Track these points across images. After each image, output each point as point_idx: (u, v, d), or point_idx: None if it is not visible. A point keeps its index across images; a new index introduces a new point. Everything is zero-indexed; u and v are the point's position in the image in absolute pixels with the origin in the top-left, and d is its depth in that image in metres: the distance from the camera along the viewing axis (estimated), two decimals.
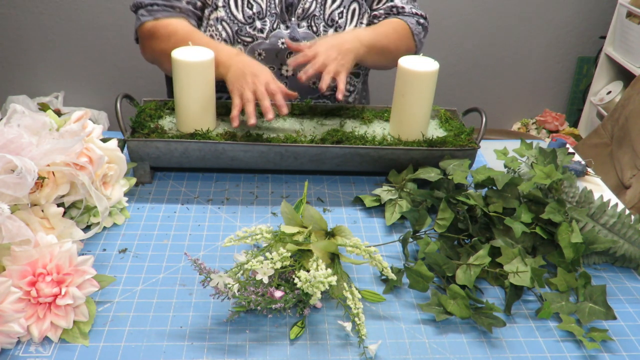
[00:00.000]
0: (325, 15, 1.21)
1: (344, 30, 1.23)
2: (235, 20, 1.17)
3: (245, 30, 1.18)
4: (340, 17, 1.22)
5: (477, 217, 0.90)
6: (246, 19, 1.17)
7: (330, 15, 1.21)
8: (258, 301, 0.72)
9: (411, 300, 0.81)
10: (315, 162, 1.04)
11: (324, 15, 1.21)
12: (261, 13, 1.17)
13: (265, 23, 1.18)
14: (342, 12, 1.22)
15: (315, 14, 1.20)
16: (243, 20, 1.17)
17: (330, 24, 1.21)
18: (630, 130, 1.58)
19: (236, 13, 1.17)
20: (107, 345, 0.70)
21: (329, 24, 1.21)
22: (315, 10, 1.20)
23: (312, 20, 1.20)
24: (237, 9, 1.17)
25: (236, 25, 1.18)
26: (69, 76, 2.53)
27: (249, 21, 1.17)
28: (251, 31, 1.18)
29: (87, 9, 2.37)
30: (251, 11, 1.17)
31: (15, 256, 0.70)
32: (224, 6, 1.17)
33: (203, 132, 1.02)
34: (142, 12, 1.18)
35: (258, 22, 1.17)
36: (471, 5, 2.51)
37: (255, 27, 1.18)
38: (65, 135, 0.82)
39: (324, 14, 1.20)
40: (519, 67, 2.71)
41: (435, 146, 1.04)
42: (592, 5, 2.58)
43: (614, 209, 0.90)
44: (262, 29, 1.18)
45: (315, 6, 1.20)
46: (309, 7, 1.20)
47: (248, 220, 0.96)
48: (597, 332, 0.75)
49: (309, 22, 1.21)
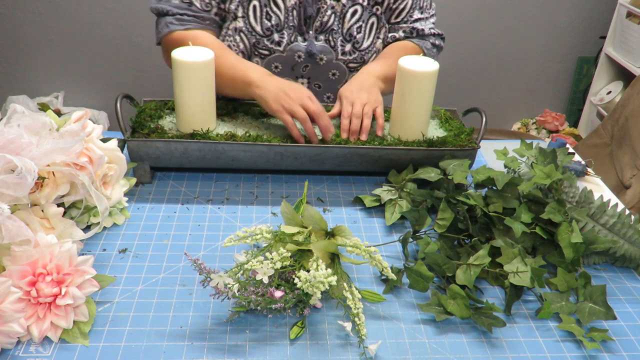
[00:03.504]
0: (344, 29, 1.20)
1: (361, 45, 1.22)
2: (253, 32, 1.17)
3: (262, 43, 1.17)
4: (358, 31, 1.21)
5: (477, 217, 0.90)
6: (264, 31, 1.16)
7: (348, 30, 1.20)
8: (258, 301, 0.72)
9: (411, 300, 0.81)
10: (315, 162, 1.04)
11: (342, 30, 1.20)
12: (279, 25, 1.16)
13: (283, 36, 1.17)
14: (360, 27, 1.21)
15: (333, 27, 1.19)
16: (261, 32, 1.16)
17: (348, 38, 1.20)
18: (630, 130, 1.58)
19: (254, 25, 1.16)
20: (107, 345, 0.70)
21: (346, 39, 1.20)
22: (333, 24, 1.19)
23: (330, 34, 1.19)
24: (255, 21, 1.16)
25: (254, 38, 1.17)
26: (69, 76, 2.53)
27: (267, 34, 1.16)
28: (269, 44, 1.17)
29: (87, 9, 2.37)
30: (270, 23, 1.16)
31: (15, 256, 0.70)
32: (243, 17, 1.16)
33: (203, 132, 1.02)
34: (171, 20, 1.15)
35: (276, 34, 1.17)
36: (471, 6, 2.51)
37: (272, 40, 1.17)
38: (65, 135, 0.82)
39: (342, 28, 1.19)
40: (519, 67, 2.71)
41: (435, 146, 1.04)
42: (592, 5, 2.58)
43: (614, 209, 0.90)
44: (279, 41, 1.17)
45: (334, 20, 1.19)
46: (327, 21, 1.19)
47: (248, 220, 0.96)
48: (597, 332, 0.75)
49: (326, 36, 1.20)
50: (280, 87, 1.03)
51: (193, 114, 1.02)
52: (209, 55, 0.99)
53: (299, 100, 1.01)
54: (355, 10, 1.20)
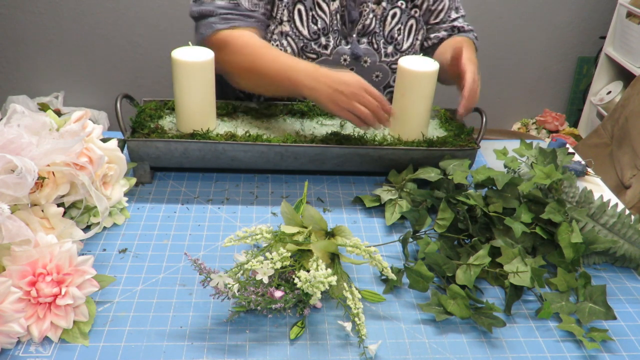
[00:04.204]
0: (385, 32, 1.22)
1: (402, 46, 1.24)
2: (300, 36, 1.17)
3: (310, 46, 1.18)
4: (398, 34, 1.23)
5: (477, 217, 0.90)
6: (311, 35, 1.17)
7: (390, 32, 1.22)
8: (258, 301, 0.72)
9: (411, 300, 0.81)
10: (315, 162, 1.04)
11: (384, 32, 1.22)
12: (326, 29, 1.18)
13: (329, 39, 1.18)
14: (400, 29, 1.23)
15: (375, 30, 1.21)
16: (309, 36, 1.17)
17: (390, 40, 1.22)
18: (630, 130, 1.58)
19: (301, 29, 1.17)
20: (107, 345, 0.70)
21: (388, 41, 1.22)
22: (375, 27, 1.21)
23: (373, 37, 1.21)
24: (302, 25, 1.17)
25: (302, 42, 1.18)
26: (69, 76, 2.53)
27: (314, 37, 1.17)
28: (316, 47, 1.18)
29: (87, 9, 2.37)
30: (316, 26, 1.17)
31: (15, 256, 0.70)
32: (289, 21, 1.17)
33: (203, 132, 1.02)
34: (215, 20, 1.11)
35: (323, 38, 1.18)
36: (471, 6, 2.51)
37: (320, 44, 1.18)
38: (65, 135, 0.82)
39: (383, 30, 1.22)
40: (519, 67, 2.71)
41: (435, 146, 1.04)
42: (592, 5, 2.58)
43: (614, 209, 0.90)
44: (326, 45, 1.18)
45: (376, 23, 1.21)
46: (369, 24, 1.21)
47: (248, 220, 0.96)
48: (597, 332, 0.75)
49: (369, 39, 1.21)
50: (333, 86, 0.99)
51: (193, 114, 1.02)
52: (209, 55, 0.99)
53: (354, 97, 0.98)
54: (394, 13, 1.22)
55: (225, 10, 1.12)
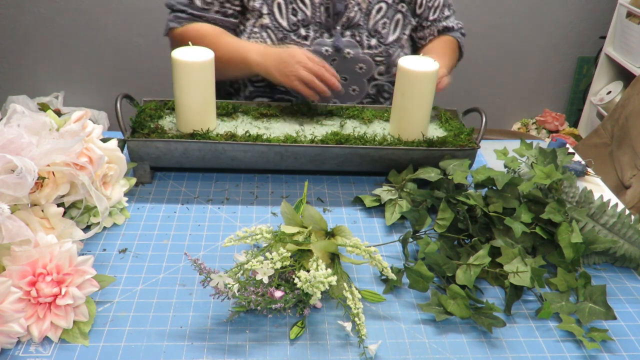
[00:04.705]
0: (369, 25, 1.23)
1: (386, 39, 1.26)
2: (280, 27, 1.19)
3: (290, 37, 1.20)
4: (383, 27, 1.24)
5: (477, 217, 0.90)
6: (291, 27, 1.19)
7: (374, 26, 1.23)
8: (258, 301, 0.72)
9: (411, 300, 0.81)
10: (315, 162, 1.04)
11: (368, 25, 1.23)
12: (306, 20, 1.19)
13: (309, 31, 1.20)
14: (385, 23, 1.24)
15: (359, 23, 1.22)
16: (288, 27, 1.19)
17: (374, 34, 1.23)
18: (630, 130, 1.58)
19: (281, 20, 1.19)
20: (107, 345, 0.70)
21: (372, 34, 1.23)
22: (359, 20, 1.22)
23: (357, 29, 1.22)
24: (281, 17, 1.19)
25: (281, 33, 1.19)
26: (69, 76, 2.53)
27: (294, 28, 1.19)
28: (295, 38, 1.20)
29: (87, 9, 2.37)
30: (296, 18, 1.19)
31: (15, 256, 0.70)
32: (269, 14, 1.19)
33: (203, 132, 1.02)
34: (170, 18, 1.23)
35: (302, 29, 1.19)
36: (471, 5, 2.51)
37: (299, 35, 1.20)
38: (65, 135, 0.82)
39: (367, 24, 1.23)
40: (519, 67, 2.71)
41: (435, 146, 1.04)
42: (592, 5, 2.58)
43: (614, 209, 0.90)
44: (306, 36, 1.20)
45: (360, 16, 1.22)
46: (353, 17, 1.22)
47: (248, 220, 0.96)
48: (597, 332, 0.75)
49: (352, 32, 1.22)
50: (278, 59, 1.08)
51: (193, 114, 1.02)
52: (209, 55, 0.99)
53: (299, 64, 1.06)
54: (380, 7, 1.24)
55: (181, 6, 1.22)
